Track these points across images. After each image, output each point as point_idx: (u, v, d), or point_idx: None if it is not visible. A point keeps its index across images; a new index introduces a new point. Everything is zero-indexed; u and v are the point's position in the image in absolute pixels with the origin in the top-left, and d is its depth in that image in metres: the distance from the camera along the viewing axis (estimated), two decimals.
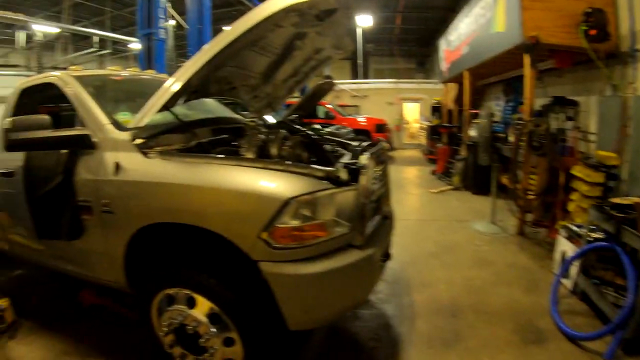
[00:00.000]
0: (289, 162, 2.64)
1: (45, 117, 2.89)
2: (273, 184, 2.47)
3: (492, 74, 9.42)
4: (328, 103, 15.90)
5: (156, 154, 2.83)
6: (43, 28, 12.81)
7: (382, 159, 3.43)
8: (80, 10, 16.34)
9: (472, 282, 4.45)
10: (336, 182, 2.57)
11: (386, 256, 3.30)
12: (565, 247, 4.52)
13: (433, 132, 13.30)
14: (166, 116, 3.03)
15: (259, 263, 2.44)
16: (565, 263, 4.19)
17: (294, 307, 2.51)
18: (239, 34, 2.58)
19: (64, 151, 3.18)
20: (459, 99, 11.72)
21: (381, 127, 15.35)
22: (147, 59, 8.08)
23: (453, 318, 3.79)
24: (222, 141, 3.60)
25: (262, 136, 3.30)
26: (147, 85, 4.17)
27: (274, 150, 3.19)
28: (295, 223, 2.41)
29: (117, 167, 2.84)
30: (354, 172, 2.66)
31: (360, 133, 14.51)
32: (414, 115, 19.97)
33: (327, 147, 3.96)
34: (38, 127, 2.85)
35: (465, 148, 9.24)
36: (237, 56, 3.22)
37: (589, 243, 3.98)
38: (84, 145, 3.03)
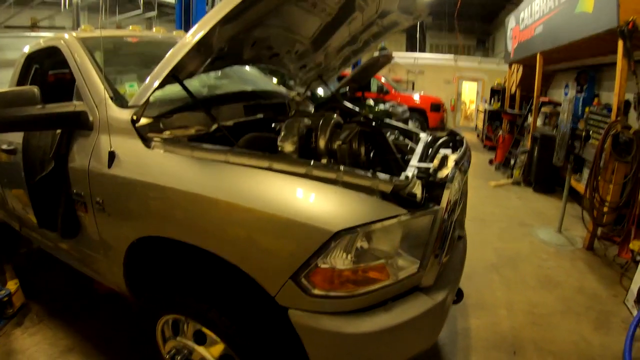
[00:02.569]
0: (343, 168, 1.88)
1: (32, 90, 2.34)
2: (316, 205, 1.79)
3: (566, 59, 8.50)
4: (382, 77, 15.09)
5: (160, 142, 2.21)
6: None
7: (467, 166, 2.59)
8: None
9: (537, 310, 3.83)
10: (407, 201, 1.84)
11: (458, 295, 2.51)
12: None
13: (492, 117, 12.37)
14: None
15: (289, 311, 1.81)
16: None
17: None
18: None
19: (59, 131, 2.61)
20: (523, 83, 10.83)
21: (437, 107, 14.55)
22: (184, 20, 7.36)
23: (513, 357, 3.21)
24: (254, 124, 2.92)
25: (308, 121, 2.50)
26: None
27: (322, 143, 2.40)
28: (344, 265, 1.72)
29: (112, 156, 2.25)
30: (434, 187, 1.94)
31: (415, 112, 13.80)
32: (471, 95, 18.96)
33: (390, 136, 3.24)
34: (23, 102, 2.28)
35: (530, 139, 8.39)
36: (280, 12, 2.52)
37: None
38: (78, 124, 2.47)
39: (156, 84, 2.06)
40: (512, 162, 9.17)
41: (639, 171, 4.63)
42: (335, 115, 2.58)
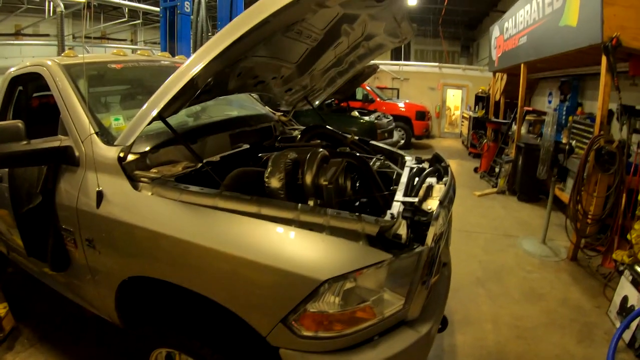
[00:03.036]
0: (330, 212, 1.92)
1: (16, 125, 2.29)
2: (304, 253, 1.83)
3: (549, 68, 8.60)
4: (367, 85, 15.04)
5: (148, 183, 2.21)
6: None
7: (452, 196, 2.61)
8: None
9: (521, 323, 3.86)
10: (393, 243, 1.89)
11: (443, 323, 2.56)
12: (628, 292, 3.88)
13: (477, 125, 12.43)
14: (171, 120, 2.36)
15: (280, 350, 1.88)
16: (630, 318, 3.47)
17: None
18: (267, 16, 1.77)
19: None
20: (507, 91, 10.94)
21: (422, 115, 14.49)
22: (169, 37, 7.37)
23: None
24: (240, 157, 2.97)
25: (293, 155, 2.48)
26: (157, 74, 3.43)
27: (308, 179, 2.38)
28: (332, 309, 1.79)
29: (100, 196, 2.24)
30: (419, 226, 2.00)
31: (400, 120, 13.76)
32: (455, 102, 19.07)
33: (376, 163, 3.27)
34: (8, 138, 2.24)
35: (514, 148, 8.46)
36: (266, 43, 2.52)
37: None
38: (65, 160, 2.45)
39: (143, 125, 2.08)
40: (497, 170, 9.23)
41: (622, 183, 4.71)
42: (321, 150, 2.57)
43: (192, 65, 1.90)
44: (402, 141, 13.53)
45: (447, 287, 2.67)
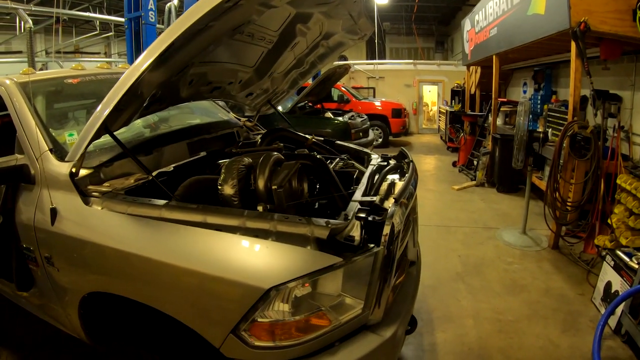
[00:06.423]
0: (278, 217, 1.90)
1: None
2: (249, 262, 1.82)
3: (521, 58, 8.61)
4: (342, 85, 14.98)
5: (99, 198, 2.18)
6: (30, 11, 11.88)
7: (412, 193, 2.57)
8: None
9: (503, 317, 3.78)
10: (345, 245, 1.83)
11: (412, 324, 2.47)
12: (611, 277, 3.82)
13: (454, 119, 12.39)
14: (126, 132, 2.38)
15: None
16: (614, 304, 3.38)
17: None
18: (202, 16, 1.73)
19: None
20: (482, 83, 10.93)
21: (398, 112, 14.44)
22: (135, 48, 7.23)
23: None
24: (198, 163, 2.95)
25: (248, 160, 2.47)
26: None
27: (261, 184, 2.37)
28: (282, 317, 1.74)
29: (54, 213, 2.21)
30: (373, 227, 1.93)
31: (376, 118, 13.72)
32: (432, 98, 19.11)
33: (338, 163, 3.22)
34: None
35: (491, 140, 8.42)
36: (216, 49, 2.50)
37: None
38: (21, 179, 2.42)
39: (88, 139, 2.09)
40: (475, 163, 9.20)
41: (599, 167, 4.66)
42: (274, 153, 2.56)
43: (130, 75, 1.88)
44: (380, 140, 13.49)
45: (415, 286, 2.62)
